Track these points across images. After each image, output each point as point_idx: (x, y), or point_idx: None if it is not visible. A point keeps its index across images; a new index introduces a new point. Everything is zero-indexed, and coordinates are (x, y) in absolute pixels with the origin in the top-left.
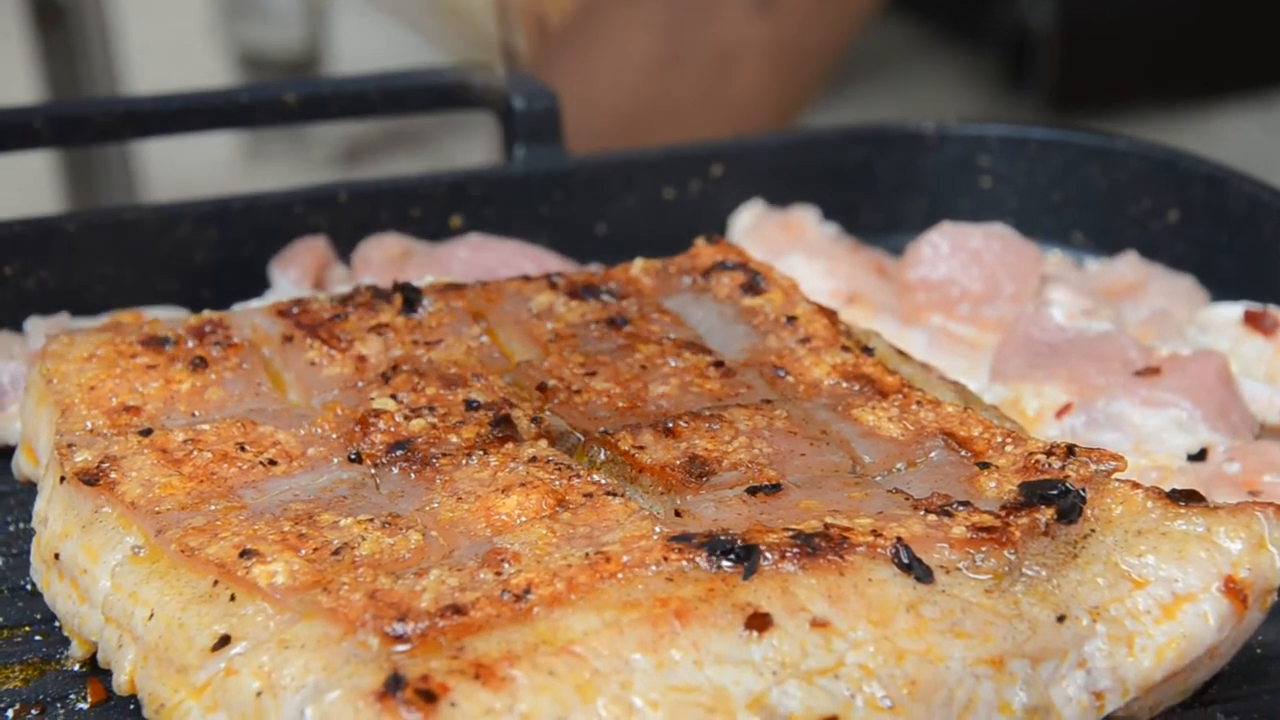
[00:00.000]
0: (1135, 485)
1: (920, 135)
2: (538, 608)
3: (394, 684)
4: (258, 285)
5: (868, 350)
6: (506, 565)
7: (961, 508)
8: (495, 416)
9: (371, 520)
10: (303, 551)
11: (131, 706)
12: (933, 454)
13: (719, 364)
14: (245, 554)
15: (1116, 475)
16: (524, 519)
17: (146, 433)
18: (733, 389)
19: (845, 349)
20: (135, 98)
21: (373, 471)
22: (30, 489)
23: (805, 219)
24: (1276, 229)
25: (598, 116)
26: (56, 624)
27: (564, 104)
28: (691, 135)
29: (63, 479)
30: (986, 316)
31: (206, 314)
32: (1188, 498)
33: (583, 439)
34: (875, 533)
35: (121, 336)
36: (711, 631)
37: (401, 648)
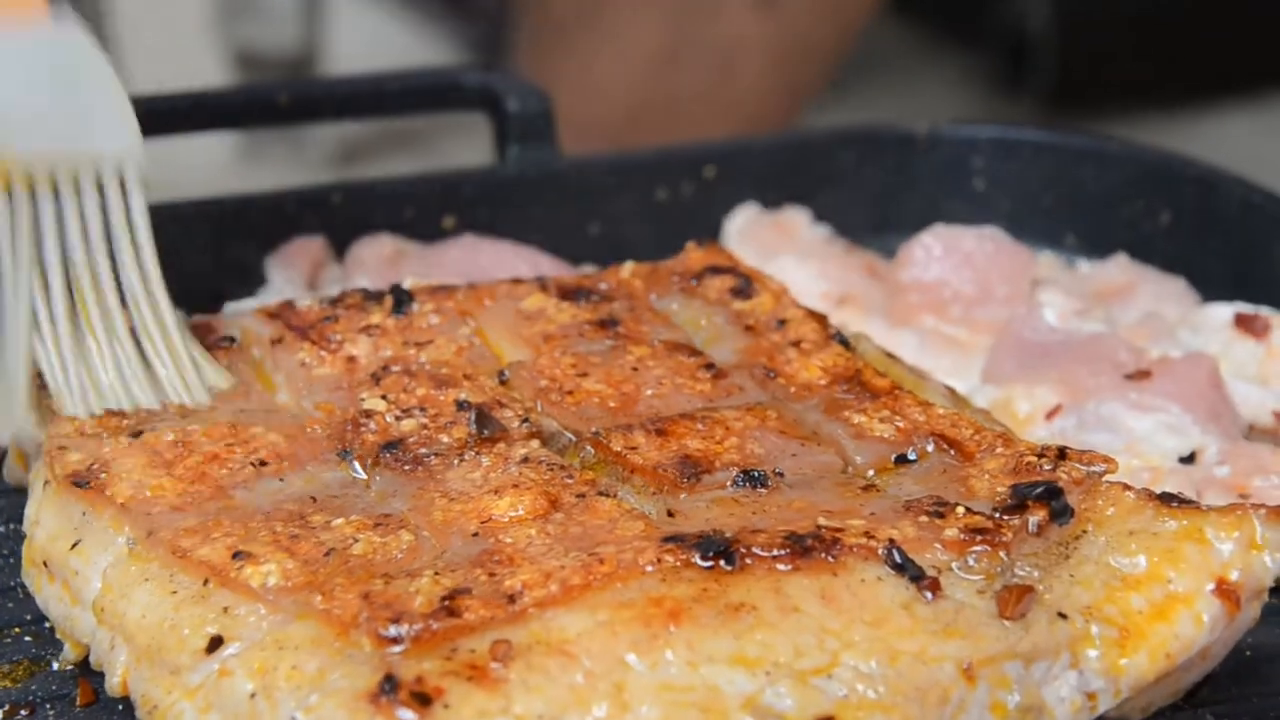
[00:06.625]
0: (1126, 487)
1: (912, 137)
2: (531, 609)
3: (388, 685)
4: (250, 286)
5: (857, 353)
6: (499, 566)
7: (954, 509)
8: (486, 417)
9: (363, 521)
10: (295, 552)
11: (121, 708)
12: (924, 456)
13: (710, 366)
14: (237, 555)
15: (1108, 477)
16: (516, 519)
17: (137, 434)
18: (724, 390)
19: (835, 352)
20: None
21: (364, 472)
22: (21, 491)
23: (797, 221)
24: (1268, 231)
25: (599, 110)
26: (47, 625)
27: (564, 97)
28: (693, 131)
29: (52, 482)
30: (978, 318)
31: (196, 317)
32: (1179, 499)
33: (574, 439)
34: (868, 534)
35: None
36: (705, 631)
37: (395, 649)
